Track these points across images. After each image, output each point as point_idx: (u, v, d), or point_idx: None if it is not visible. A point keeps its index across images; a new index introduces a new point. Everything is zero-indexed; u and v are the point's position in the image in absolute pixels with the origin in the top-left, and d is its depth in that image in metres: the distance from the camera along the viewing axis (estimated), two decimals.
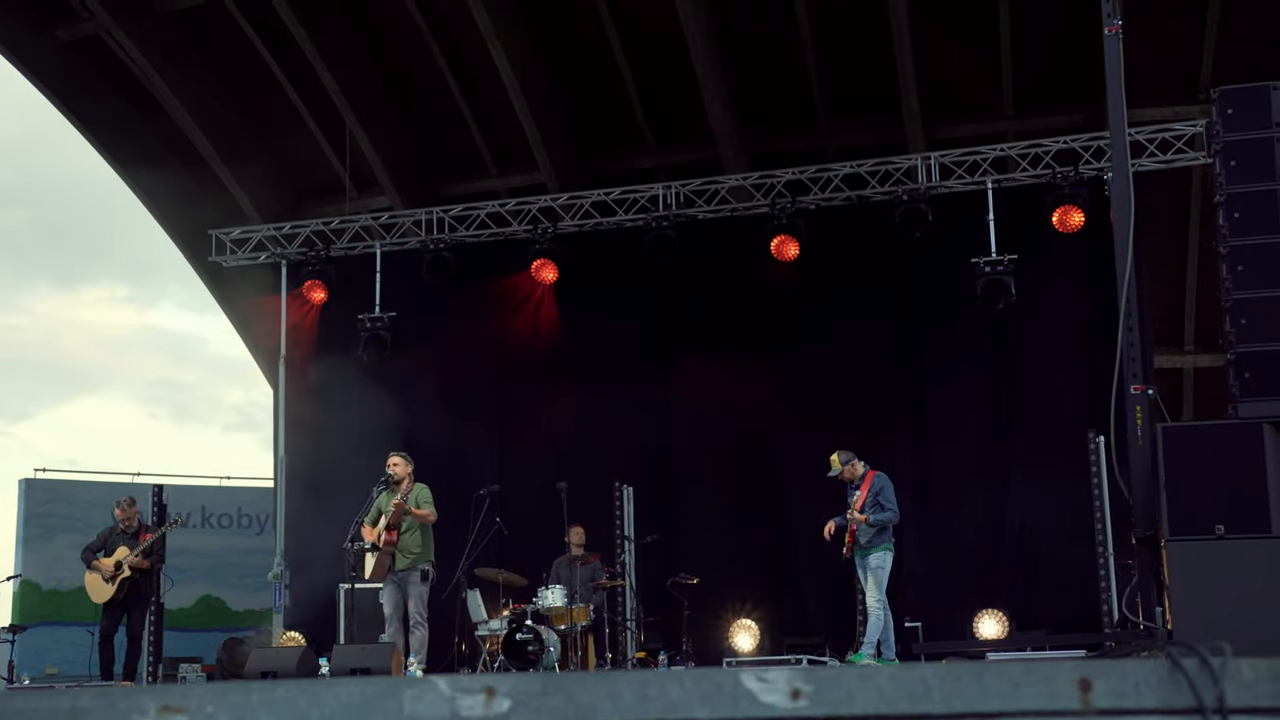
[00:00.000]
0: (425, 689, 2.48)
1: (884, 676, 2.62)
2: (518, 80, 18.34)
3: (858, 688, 2.61)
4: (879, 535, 12.71)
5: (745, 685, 2.58)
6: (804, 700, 2.60)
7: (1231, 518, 7.31)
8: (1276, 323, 7.45)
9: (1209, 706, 2.65)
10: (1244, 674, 2.73)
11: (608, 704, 2.54)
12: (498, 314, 16.87)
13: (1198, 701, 2.66)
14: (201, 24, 19.51)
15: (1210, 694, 2.66)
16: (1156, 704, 2.69)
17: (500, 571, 13.65)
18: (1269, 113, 7.61)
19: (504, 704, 2.50)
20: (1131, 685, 2.69)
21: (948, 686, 2.64)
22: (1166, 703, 2.69)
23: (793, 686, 2.59)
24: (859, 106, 18.96)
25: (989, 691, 2.65)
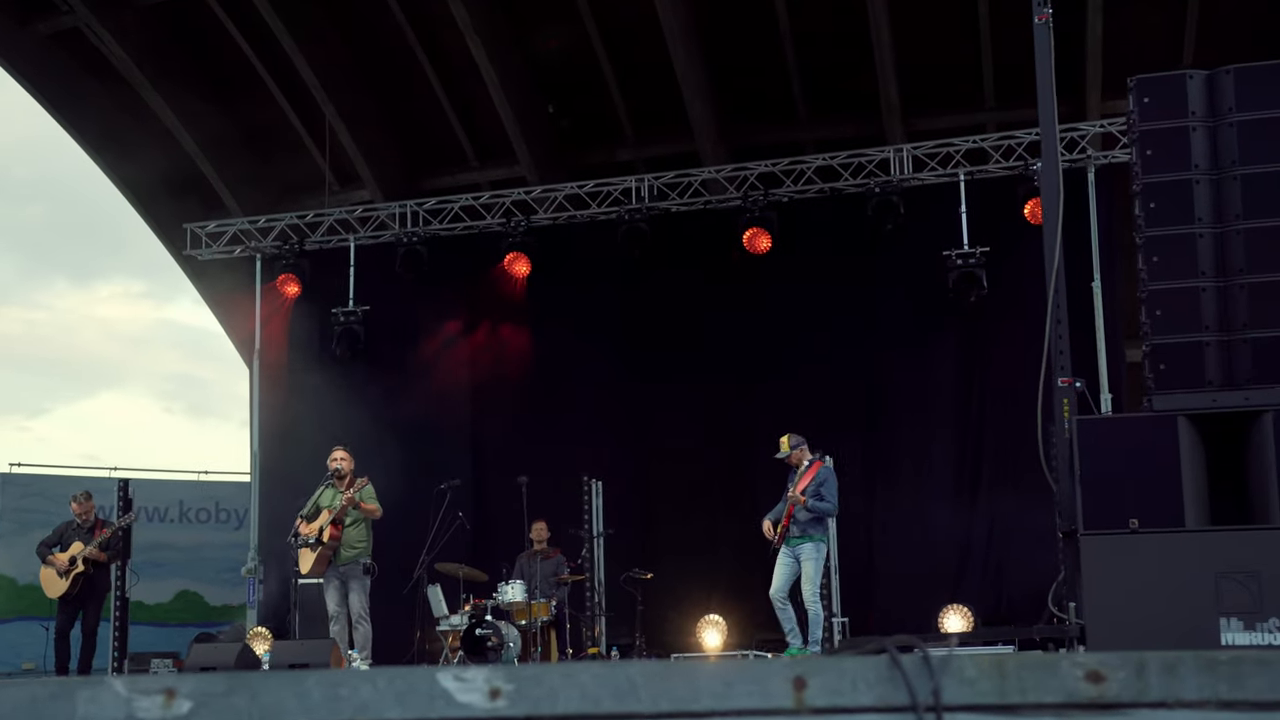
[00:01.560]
0: (100, 690, 2.43)
1: (588, 674, 2.57)
2: (496, 74, 18.31)
3: (561, 686, 2.56)
4: (813, 525, 12.52)
5: (442, 685, 2.53)
6: (503, 700, 2.55)
7: (1146, 511, 7.24)
8: (1192, 314, 7.38)
9: (923, 704, 2.60)
10: (966, 671, 2.68)
11: (294, 704, 2.49)
12: (471, 307, 16.85)
13: (912, 699, 2.60)
14: (181, 18, 19.50)
15: (926, 691, 2.61)
16: (874, 702, 2.64)
17: (461, 566, 13.63)
18: (1185, 101, 7.53)
19: (184, 705, 2.46)
20: (849, 683, 2.64)
21: (655, 685, 2.59)
22: (884, 700, 2.64)
23: (492, 685, 2.54)
24: (839, 99, 18.90)
25: (699, 690, 2.60)
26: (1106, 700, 2.70)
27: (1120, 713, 2.70)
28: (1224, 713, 2.72)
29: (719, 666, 2.63)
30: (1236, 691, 2.73)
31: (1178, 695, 2.72)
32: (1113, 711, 2.70)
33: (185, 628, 17.91)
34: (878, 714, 2.64)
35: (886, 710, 2.64)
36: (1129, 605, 7.23)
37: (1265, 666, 2.73)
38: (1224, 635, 7.10)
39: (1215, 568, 7.14)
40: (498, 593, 13.30)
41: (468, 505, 14.96)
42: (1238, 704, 2.72)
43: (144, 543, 17.76)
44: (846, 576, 14.71)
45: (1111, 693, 2.71)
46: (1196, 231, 7.39)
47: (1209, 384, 7.37)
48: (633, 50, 18.53)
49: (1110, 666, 2.70)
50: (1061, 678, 2.70)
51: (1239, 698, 2.72)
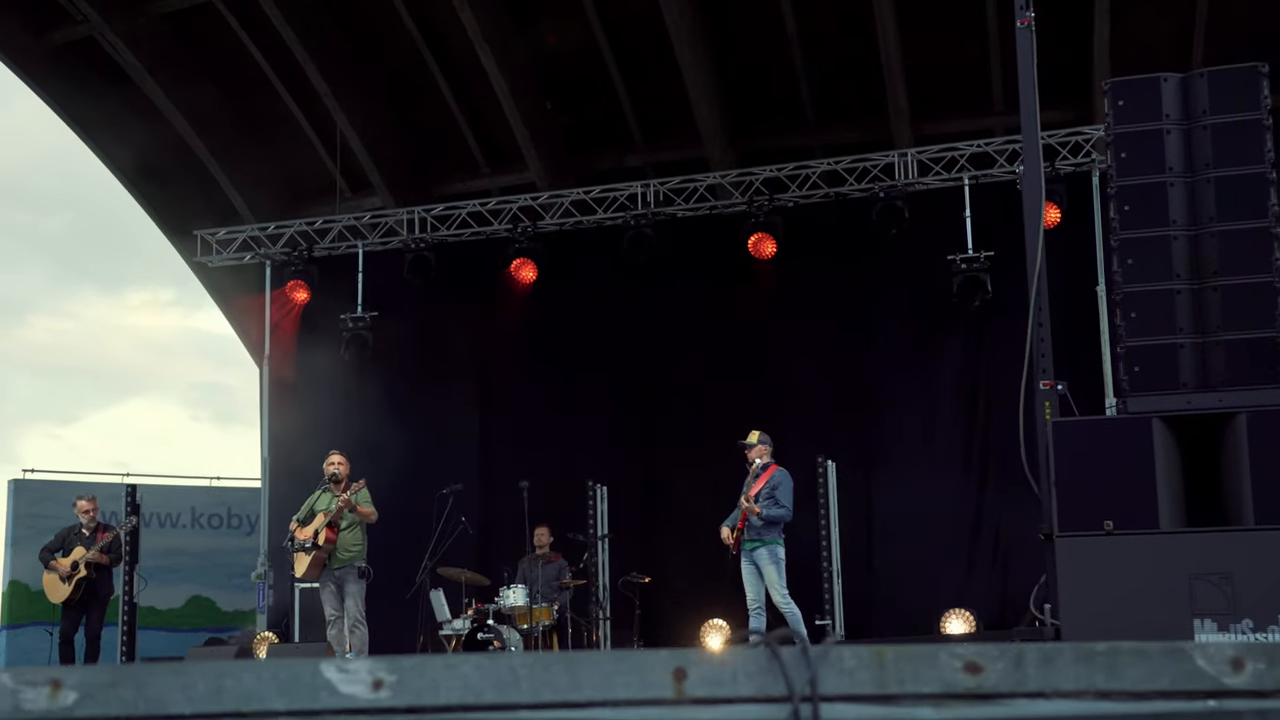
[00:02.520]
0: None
1: (471, 665, 2.63)
2: (505, 80, 18.39)
3: (443, 677, 2.62)
4: (767, 529, 12.49)
5: (325, 675, 2.59)
6: (386, 690, 2.60)
7: (1120, 513, 7.28)
8: (1166, 316, 7.41)
9: (799, 693, 2.66)
10: (845, 662, 2.73)
11: (179, 696, 2.55)
12: (478, 313, 16.94)
13: (789, 689, 2.66)
14: (194, 26, 19.65)
15: (802, 681, 2.66)
16: (753, 692, 2.69)
17: (463, 571, 13.70)
18: (1160, 105, 7.56)
19: (70, 696, 2.52)
20: (729, 674, 2.69)
21: (537, 676, 2.64)
22: (763, 691, 2.69)
23: (375, 676, 2.60)
24: (846, 103, 18.91)
25: (580, 681, 2.66)
26: (984, 690, 2.75)
27: (998, 702, 2.75)
28: (1101, 702, 2.77)
29: (600, 657, 2.69)
30: (1114, 682, 2.77)
31: (1055, 685, 2.76)
32: (990, 701, 2.75)
33: (197, 632, 18.03)
34: (756, 704, 2.69)
35: (765, 700, 2.69)
36: (1104, 607, 7.28)
37: (1142, 657, 2.77)
38: (1198, 636, 7.13)
39: (1189, 569, 7.19)
40: (499, 597, 13.36)
41: (474, 510, 15.07)
42: (1115, 694, 2.77)
43: (157, 548, 17.96)
44: (848, 580, 14.75)
45: (989, 683, 2.75)
46: (1171, 234, 7.43)
47: (1183, 386, 7.41)
48: (641, 56, 18.60)
49: (988, 657, 2.75)
50: (940, 668, 2.74)
51: (1116, 688, 2.77)
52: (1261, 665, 2.81)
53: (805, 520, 14.21)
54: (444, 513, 13.54)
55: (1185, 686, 2.78)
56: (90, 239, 41.16)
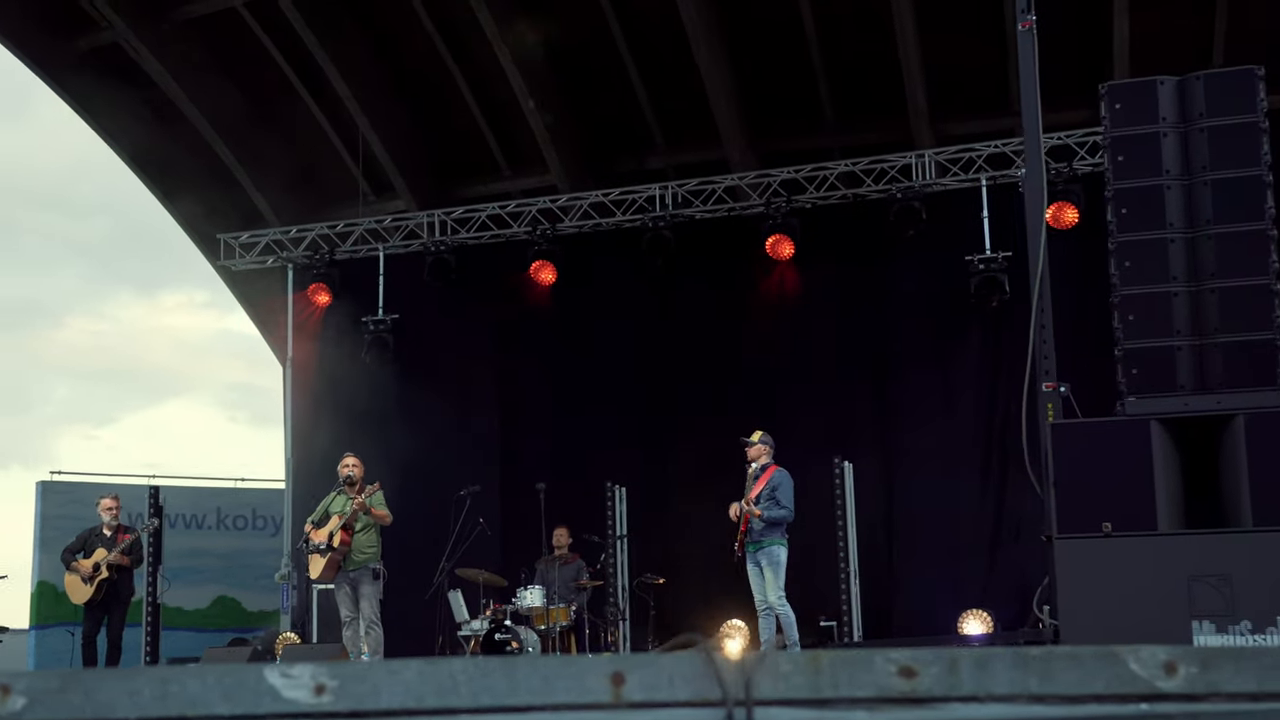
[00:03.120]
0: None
1: (412, 671, 2.69)
2: (525, 82, 18.48)
3: (384, 682, 2.68)
4: (771, 529, 12.57)
5: (269, 681, 2.65)
6: (328, 695, 2.66)
7: (1119, 515, 7.30)
8: (1164, 319, 7.43)
9: (733, 698, 2.71)
10: (781, 667, 2.78)
11: (126, 701, 2.62)
12: (497, 316, 17.05)
13: (723, 693, 2.72)
14: (216, 31, 19.78)
15: (737, 685, 2.72)
16: (690, 697, 2.74)
17: (481, 572, 13.79)
18: (1156, 108, 7.58)
19: (19, 702, 2.59)
20: (666, 678, 2.75)
21: (476, 681, 2.70)
22: (699, 695, 2.74)
23: (317, 682, 2.66)
24: (866, 104, 18.91)
25: (519, 685, 2.72)
26: (919, 695, 2.80)
27: (932, 706, 2.80)
28: (1035, 706, 2.81)
29: (539, 662, 2.75)
30: (1047, 686, 2.81)
31: (989, 689, 2.81)
32: (925, 705, 2.80)
33: (223, 633, 18.18)
34: (693, 709, 2.74)
35: (701, 705, 2.74)
36: (1102, 608, 7.30)
37: (1076, 662, 2.82)
38: (1196, 638, 7.16)
39: (1187, 571, 7.20)
40: (516, 598, 13.44)
41: (494, 511, 15.21)
42: (1048, 698, 2.81)
43: (182, 549, 18.13)
44: (868, 582, 14.77)
45: (924, 687, 2.80)
46: (1168, 236, 7.45)
47: (1181, 388, 7.43)
48: (660, 58, 18.64)
49: (923, 662, 2.79)
50: (875, 673, 2.79)
51: (1050, 691, 2.81)
52: (1194, 669, 2.86)
53: (822, 522, 14.27)
54: (461, 514, 13.63)
55: (1119, 690, 2.83)
56: (125, 242, 41.53)
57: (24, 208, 39.30)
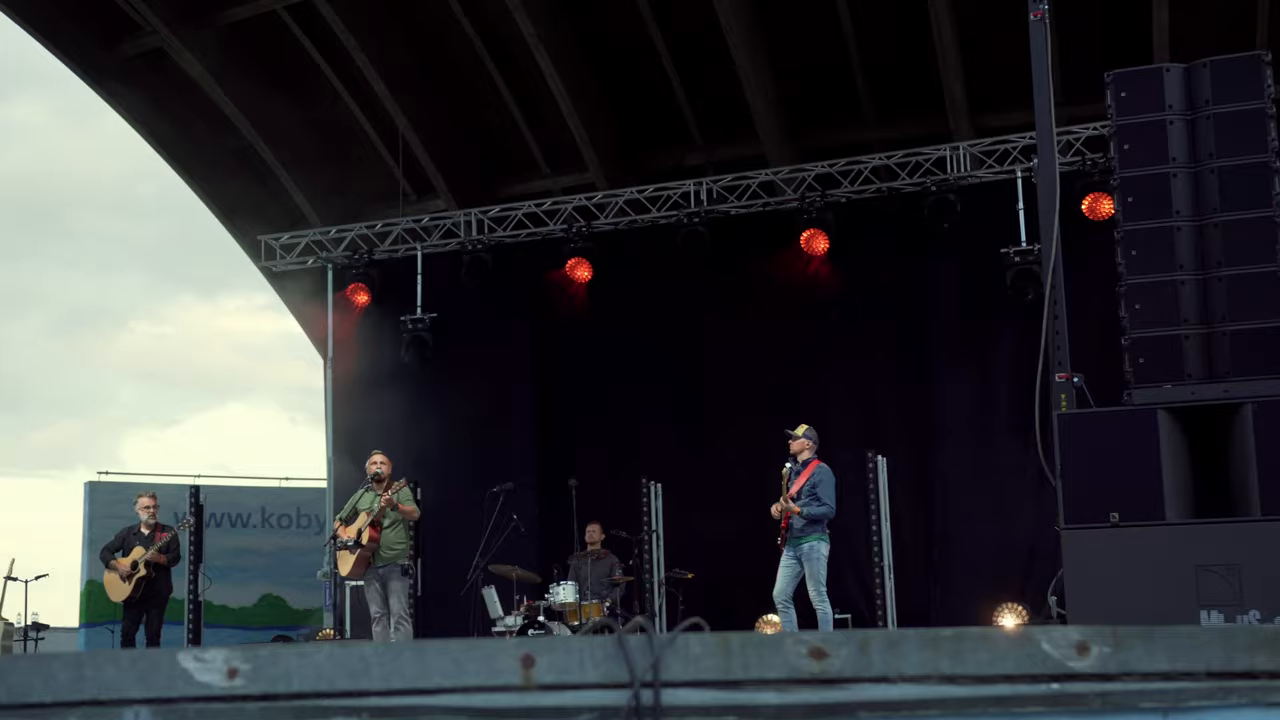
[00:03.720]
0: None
1: (323, 655, 2.74)
2: (562, 82, 18.55)
3: (296, 666, 2.73)
4: (812, 526, 12.57)
5: (182, 665, 2.70)
6: (240, 679, 2.71)
7: (1126, 505, 7.27)
8: (1170, 308, 7.40)
9: (640, 679, 2.75)
10: (692, 649, 2.82)
11: (40, 685, 2.67)
12: (535, 313, 17.11)
13: (631, 674, 2.75)
14: (258, 34, 19.97)
15: (644, 666, 2.76)
16: (600, 679, 2.78)
17: (514, 568, 13.86)
18: (1162, 96, 7.54)
19: None
20: (576, 661, 2.78)
21: (387, 664, 2.75)
22: (609, 677, 2.78)
23: (230, 665, 2.71)
24: (904, 98, 18.86)
25: (430, 668, 2.76)
26: (829, 676, 2.82)
27: (842, 687, 2.82)
28: (945, 686, 2.84)
29: (450, 645, 2.79)
30: (958, 666, 2.84)
31: (900, 670, 2.83)
32: (835, 686, 2.82)
33: (269, 630, 18.36)
34: (603, 690, 2.78)
35: (611, 687, 2.78)
36: (1110, 598, 7.28)
37: (987, 642, 2.84)
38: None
39: (1195, 560, 7.16)
40: (549, 594, 13.51)
41: (531, 508, 15.30)
42: (959, 678, 2.83)
43: (228, 548, 18.36)
44: (907, 575, 14.75)
45: (834, 669, 2.82)
46: (1174, 225, 7.42)
47: (1188, 377, 7.39)
48: (697, 55, 18.66)
49: (834, 644, 2.82)
50: (785, 655, 2.82)
51: (960, 672, 2.83)
52: (1107, 649, 2.88)
53: (858, 515, 14.26)
54: (495, 511, 13.70)
55: (1030, 670, 2.85)
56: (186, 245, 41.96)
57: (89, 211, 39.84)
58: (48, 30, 19.83)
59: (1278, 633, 2.88)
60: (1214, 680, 2.87)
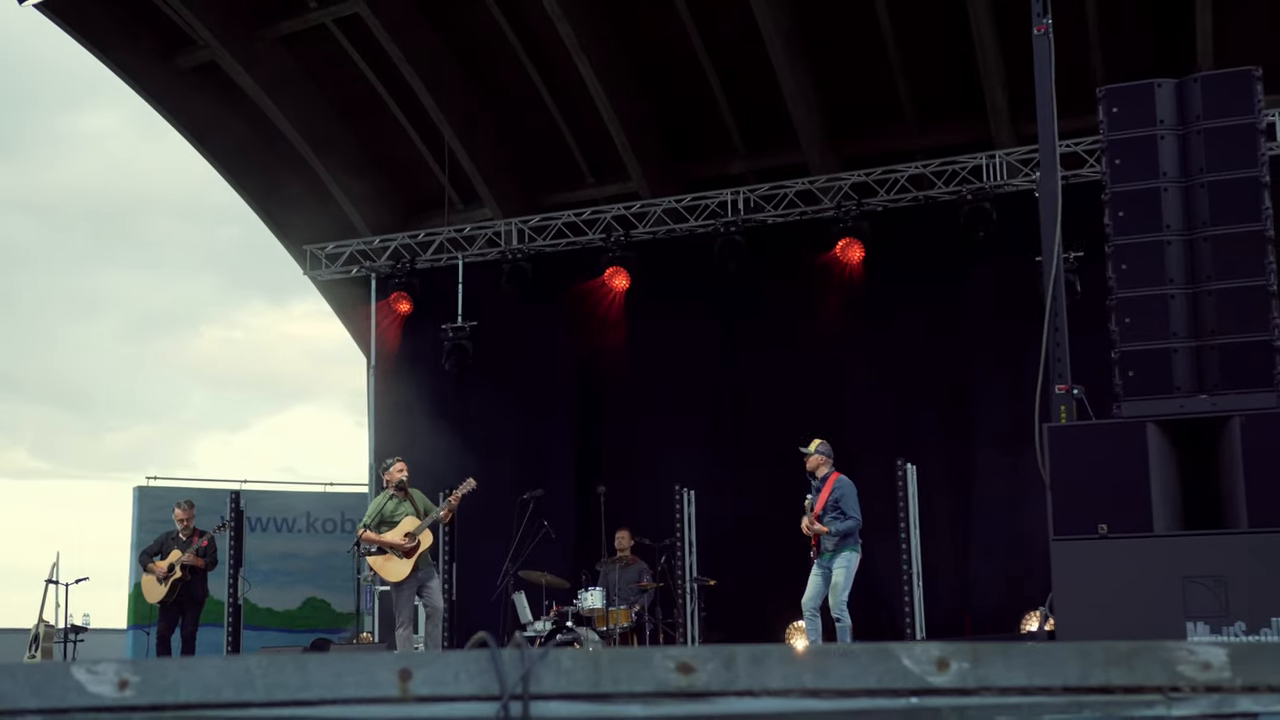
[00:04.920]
0: None
1: (209, 667, 2.89)
2: (605, 92, 18.70)
3: (183, 678, 2.88)
4: (843, 540, 12.72)
5: (75, 677, 2.86)
6: (131, 690, 2.87)
7: (1115, 517, 7.33)
8: (1160, 321, 7.45)
9: (509, 691, 2.88)
10: (563, 663, 2.95)
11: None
12: (573, 322, 17.27)
13: (501, 687, 2.89)
14: (307, 47, 20.26)
15: (514, 679, 2.89)
16: (474, 691, 2.92)
17: (543, 574, 14.03)
18: (1153, 110, 7.60)
19: None
20: (451, 674, 2.92)
21: (271, 676, 2.89)
22: (483, 690, 2.92)
23: (121, 677, 2.86)
24: (946, 104, 18.86)
25: (311, 681, 2.90)
26: (696, 689, 2.95)
27: (708, 700, 2.95)
28: (808, 700, 2.95)
29: (331, 658, 2.94)
30: (821, 680, 2.95)
31: (764, 684, 2.95)
32: (701, 699, 2.95)
33: (313, 633, 18.60)
34: (477, 702, 2.92)
35: (483, 699, 2.92)
36: (1098, 609, 7.34)
37: (849, 658, 2.96)
38: (1190, 638, 7.15)
39: (1182, 572, 7.21)
40: (577, 600, 13.66)
41: (568, 514, 15.47)
42: (822, 692, 2.95)
43: (273, 552, 18.68)
44: (940, 585, 14.78)
45: (701, 682, 2.95)
46: (1164, 239, 7.47)
47: (1178, 390, 7.44)
48: (738, 63, 18.75)
49: (700, 658, 2.95)
50: (653, 669, 2.95)
51: (823, 686, 2.95)
52: (965, 664, 2.98)
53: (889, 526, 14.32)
54: (524, 518, 13.88)
55: (890, 685, 2.96)
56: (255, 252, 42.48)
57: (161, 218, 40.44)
58: (105, 46, 20.22)
59: (1133, 650, 2.98)
60: (1069, 695, 2.98)
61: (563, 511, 15.69)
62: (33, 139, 39.31)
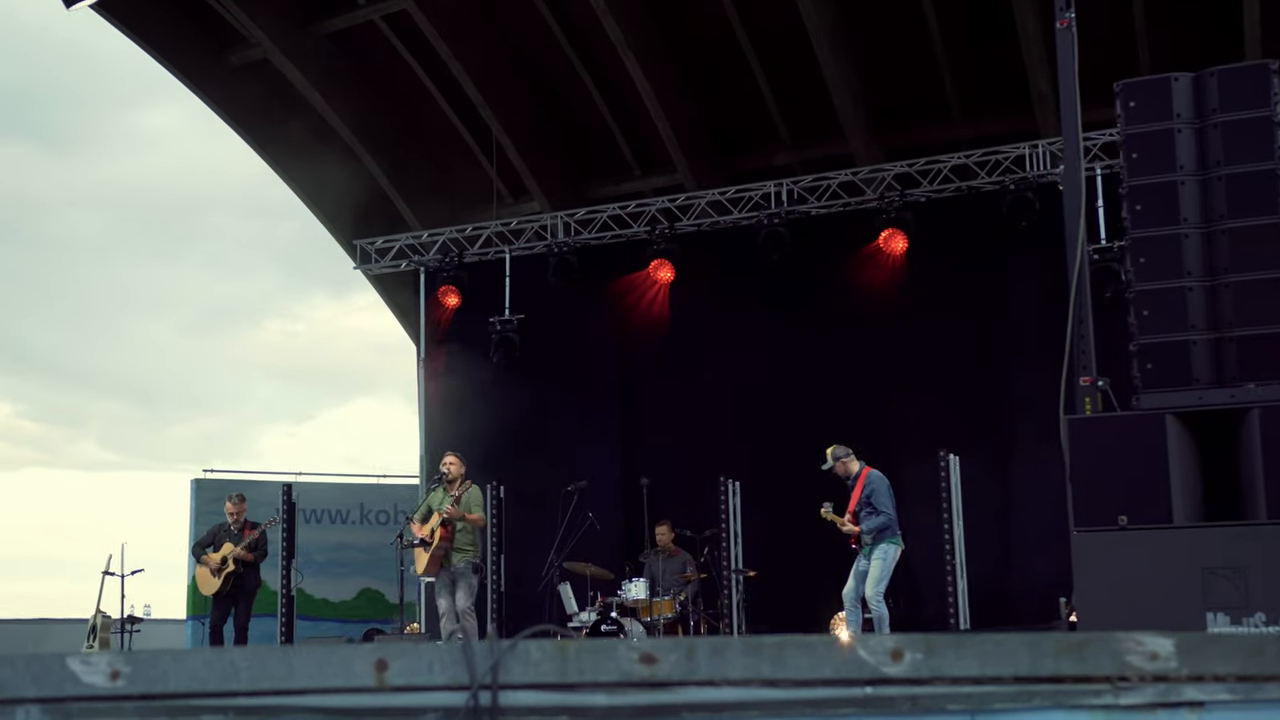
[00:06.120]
0: None
1: (198, 659, 3.05)
2: (650, 85, 18.83)
3: (172, 669, 3.04)
4: (880, 534, 12.83)
5: (70, 668, 3.02)
6: (123, 680, 3.03)
7: (1134, 509, 7.39)
8: (1178, 314, 7.50)
9: (479, 681, 3.03)
10: (532, 655, 3.09)
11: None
12: (619, 315, 17.38)
13: (471, 677, 3.03)
14: (355, 44, 20.50)
15: (484, 670, 3.03)
16: (446, 681, 3.06)
17: (588, 566, 14.18)
18: (1170, 104, 7.64)
19: None
20: (425, 665, 3.07)
21: (255, 667, 3.05)
22: (455, 680, 3.06)
23: (113, 668, 3.03)
24: (991, 94, 18.87)
25: (294, 671, 3.06)
26: (659, 679, 3.08)
27: (670, 690, 3.08)
28: (767, 690, 3.08)
29: (312, 650, 3.09)
30: (779, 671, 3.08)
31: (724, 675, 3.08)
32: (663, 689, 3.08)
33: (367, 623, 18.86)
34: (448, 691, 3.06)
35: (455, 688, 3.06)
36: (1118, 601, 7.40)
37: (807, 649, 3.08)
38: (1210, 629, 7.21)
39: (1202, 563, 7.26)
40: (621, 591, 13.81)
41: (615, 505, 15.59)
42: (780, 681, 3.08)
43: (329, 543, 18.95)
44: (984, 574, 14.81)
45: (663, 673, 3.08)
46: (1182, 232, 7.51)
47: (1196, 382, 7.48)
48: (784, 56, 18.82)
49: (663, 650, 3.08)
50: (618, 660, 3.08)
51: (782, 676, 3.08)
52: (919, 655, 3.10)
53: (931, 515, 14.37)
54: (569, 509, 14.04)
55: (846, 675, 3.09)
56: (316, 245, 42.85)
57: (223, 214, 40.90)
58: (159, 44, 20.54)
59: (1083, 640, 3.09)
60: (1020, 684, 3.09)
61: (607, 503, 15.84)
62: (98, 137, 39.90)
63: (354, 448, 44.40)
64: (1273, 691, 3.06)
